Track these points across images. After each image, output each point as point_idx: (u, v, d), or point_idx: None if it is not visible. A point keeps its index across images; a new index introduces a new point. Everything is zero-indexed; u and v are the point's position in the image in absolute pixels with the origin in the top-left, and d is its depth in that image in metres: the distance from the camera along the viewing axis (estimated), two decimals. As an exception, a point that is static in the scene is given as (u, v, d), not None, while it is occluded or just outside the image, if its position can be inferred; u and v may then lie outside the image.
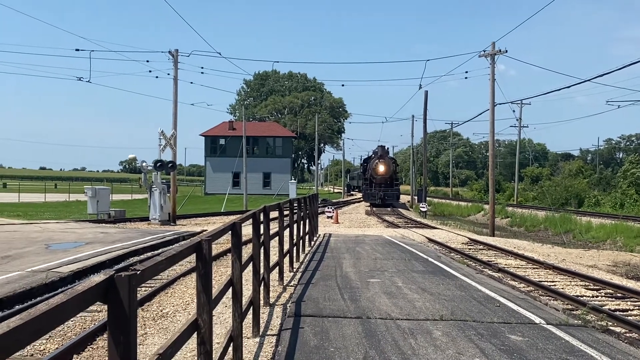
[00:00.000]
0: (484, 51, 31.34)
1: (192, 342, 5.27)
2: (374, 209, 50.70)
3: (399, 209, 52.78)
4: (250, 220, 8.04)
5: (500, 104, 33.59)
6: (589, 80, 26.92)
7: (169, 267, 3.75)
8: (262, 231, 8.87)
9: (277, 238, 11.67)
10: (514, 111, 67.73)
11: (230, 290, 6.16)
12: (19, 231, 22.62)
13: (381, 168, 56.86)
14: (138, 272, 2.69)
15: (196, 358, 4.55)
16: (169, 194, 31.07)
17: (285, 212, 12.68)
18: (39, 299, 10.77)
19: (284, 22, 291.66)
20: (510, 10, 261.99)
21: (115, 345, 2.52)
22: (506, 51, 30.70)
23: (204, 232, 19.17)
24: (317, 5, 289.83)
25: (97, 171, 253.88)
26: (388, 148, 60.75)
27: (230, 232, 6.08)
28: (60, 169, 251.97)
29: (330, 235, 23.80)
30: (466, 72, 61.07)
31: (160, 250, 19.37)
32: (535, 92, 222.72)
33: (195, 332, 4.31)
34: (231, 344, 5.99)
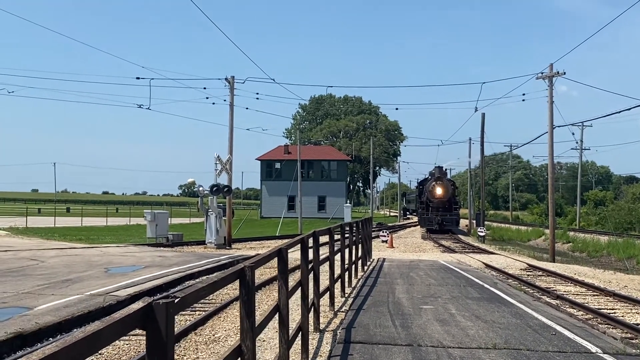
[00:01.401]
0: (542, 73, 30.83)
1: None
2: (431, 234, 48.68)
3: (457, 234, 51.57)
4: (299, 245, 8.08)
5: (559, 126, 32.91)
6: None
7: (211, 294, 3.81)
8: (311, 256, 8.90)
9: (327, 263, 11.67)
10: (573, 134, 65.99)
11: (277, 316, 6.20)
12: (80, 255, 23.29)
13: (439, 191, 53.06)
14: (176, 300, 2.75)
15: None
16: (224, 218, 31.51)
17: (337, 237, 12.68)
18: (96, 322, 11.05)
19: (338, 45, 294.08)
20: (571, 30, 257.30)
21: (153, 371, 2.58)
22: (564, 73, 30.12)
23: (252, 258, 19.20)
24: (370, 29, 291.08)
25: (158, 195, 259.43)
26: (446, 169, 57.35)
27: (276, 257, 6.13)
28: (123, 194, 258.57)
29: (384, 260, 23.64)
30: (523, 94, 60.00)
31: (206, 277, 19.71)
32: (598, 113, 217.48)
33: (239, 359, 4.35)
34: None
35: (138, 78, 33.68)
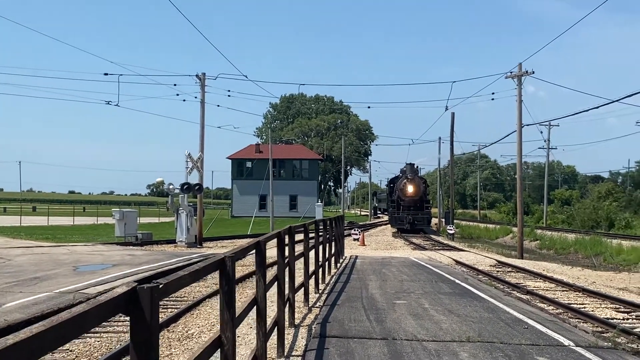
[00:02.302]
0: (511, 72, 31.20)
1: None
2: (402, 233, 47.66)
3: (428, 234, 51.40)
4: (275, 240, 8.05)
5: (527, 125, 33.36)
6: (618, 100, 26.60)
7: (192, 283, 3.77)
8: (287, 252, 8.87)
9: (302, 259, 11.65)
10: (541, 132, 67.00)
11: (254, 309, 6.16)
12: (47, 253, 22.91)
13: (410, 189, 51.07)
14: (160, 285, 2.70)
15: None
16: (195, 217, 31.27)
17: (311, 234, 12.67)
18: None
19: (310, 44, 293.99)
20: (539, 30, 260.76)
21: (138, 357, 2.53)
22: (533, 72, 30.54)
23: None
24: (342, 28, 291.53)
25: (125, 194, 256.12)
26: (417, 166, 55.19)
27: (254, 250, 6.09)
28: (89, 193, 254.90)
29: (356, 257, 23.71)
30: (493, 93, 60.69)
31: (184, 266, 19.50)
32: (564, 113, 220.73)
33: (219, 350, 4.30)
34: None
35: (106, 74, 33.16)
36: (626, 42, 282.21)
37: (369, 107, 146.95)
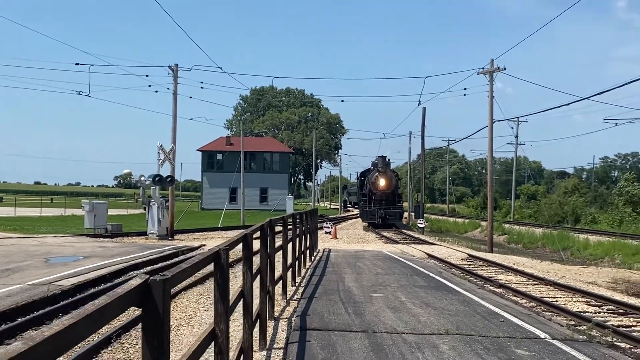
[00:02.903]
0: (483, 68, 31.55)
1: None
2: (374, 228, 46.86)
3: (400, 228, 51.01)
4: (258, 233, 8.04)
5: (498, 120, 33.76)
6: (587, 98, 27.11)
7: (193, 274, 3.75)
8: (268, 244, 8.87)
9: (280, 252, 11.65)
10: (512, 128, 68.03)
11: (240, 302, 6.15)
12: (16, 245, 22.52)
13: (382, 182, 49.13)
14: (170, 276, 2.69)
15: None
16: (166, 209, 31.01)
17: (289, 227, 12.67)
18: (41, 312, 10.71)
19: (284, 37, 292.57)
20: (510, 30, 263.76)
21: (149, 349, 2.52)
22: (504, 68, 30.92)
23: (204, 246, 18.92)
24: (316, 20, 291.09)
25: (92, 186, 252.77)
26: (389, 159, 52.71)
27: (242, 243, 6.08)
28: (55, 184, 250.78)
29: (329, 250, 23.77)
30: (465, 89, 61.40)
31: (173, 261, 19.45)
32: (530, 110, 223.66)
33: (213, 342, 4.29)
34: (242, 356, 5.96)
35: (77, 64, 32.66)
36: (592, 40, 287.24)
37: (342, 101, 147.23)
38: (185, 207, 62.96)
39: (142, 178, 30.29)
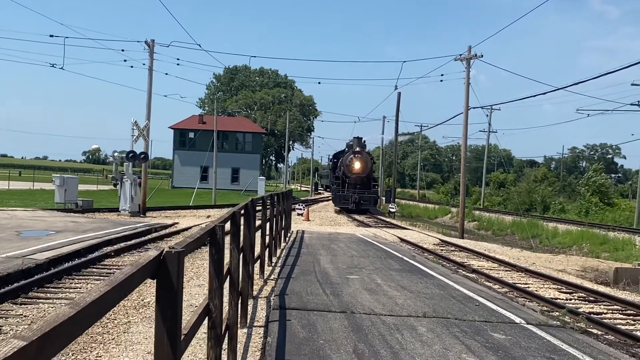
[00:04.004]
0: (461, 55, 31.73)
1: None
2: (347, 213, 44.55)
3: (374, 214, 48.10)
4: (242, 211, 8.05)
5: (473, 108, 34.04)
6: (562, 88, 27.49)
7: (196, 249, 3.75)
8: (248, 224, 8.89)
9: (259, 231, 11.67)
10: (487, 115, 68.77)
11: (227, 279, 6.17)
12: (-14, 217, 22.15)
13: (357, 165, 46.26)
14: (184, 249, 2.71)
15: (206, 342, 4.56)
16: (139, 186, 30.74)
17: (267, 207, 12.69)
18: (15, 285, 10.59)
19: (261, 18, 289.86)
20: (485, 19, 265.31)
21: (163, 319, 2.54)
22: (482, 56, 31.12)
23: (177, 224, 18.78)
24: (296, 3, 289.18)
25: (60, 160, 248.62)
26: (365, 141, 50.18)
27: (230, 221, 6.09)
28: (22, 157, 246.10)
29: (303, 232, 23.84)
30: (442, 75, 61.75)
31: (147, 237, 19.37)
32: (502, 99, 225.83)
33: (207, 317, 4.32)
34: (227, 333, 6.00)
35: (52, 36, 32.10)
36: (566, 31, 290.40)
37: (319, 83, 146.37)
38: (155, 185, 62.43)
39: (115, 154, 29.96)
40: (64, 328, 1.46)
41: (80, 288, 11.37)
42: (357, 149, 47.42)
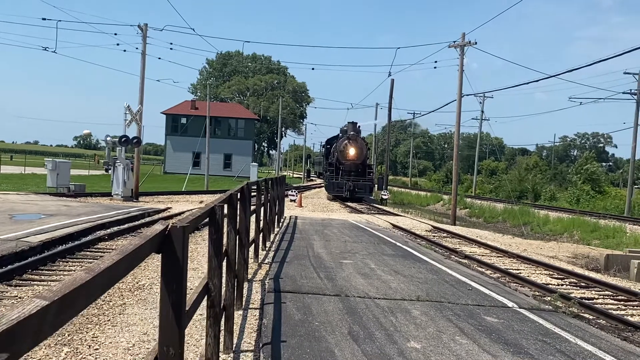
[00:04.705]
0: (454, 42, 31.71)
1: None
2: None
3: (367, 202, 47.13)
4: (239, 194, 8.08)
5: (466, 95, 34.08)
6: (554, 76, 27.57)
7: (196, 226, 3.77)
8: (244, 207, 8.92)
9: (254, 215, 11.70)
10: (480, 102, 68.88)
11: (225, 261, 6.21)
12: (-22, 201, 22.07)
13: (352, 151, 44.40)
14: (188, 224, 2.73)
15: (206, 320, 4.60)
16: (132, 171, 30.69)
17: (261, 192, 12.73)
18: (9, 267, 10.60)
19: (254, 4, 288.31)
20: (480, 6, 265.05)
21: (168, 293, 2.57)
22: (476, 43, 31.14)
23: (170, 209, 18.80)
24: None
25: (51, 145, 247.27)
26: (360, 126, 48.19)
27: (227, 203, 6.12)
28: (13, 142, 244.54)
29: (296, 217, 23.90)
30: (436, 61, 61.73)
31: (140, 222, 19.33)
32: (495, 86, 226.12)
33: (206, 296, 4.35)
34: (223, 314, 6.04)
35: (44, 19, 31.81)
36: (559, 18, 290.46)
37: (313, 69, 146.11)
38: (147, 171, 62.26)
39: (108, 138, 29.87)
40: (81, 291, 1.49)
41: (74, 271, 11.38)
42: (352, 134, 45.48)
